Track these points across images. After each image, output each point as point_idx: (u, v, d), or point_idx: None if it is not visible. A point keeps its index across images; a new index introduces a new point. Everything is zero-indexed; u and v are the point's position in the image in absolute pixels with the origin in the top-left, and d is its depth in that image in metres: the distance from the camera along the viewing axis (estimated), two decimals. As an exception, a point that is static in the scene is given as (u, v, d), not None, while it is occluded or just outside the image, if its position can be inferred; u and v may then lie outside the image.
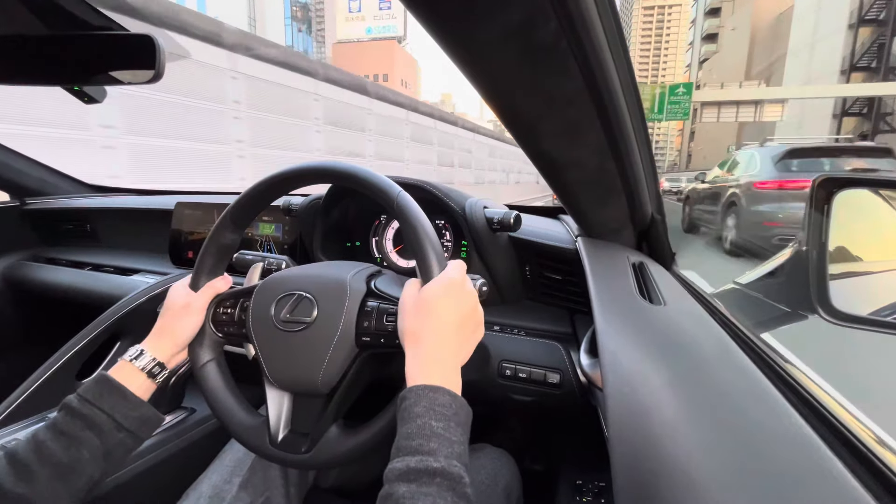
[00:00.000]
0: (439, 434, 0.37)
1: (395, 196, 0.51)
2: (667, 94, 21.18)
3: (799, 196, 4.40)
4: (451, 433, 0.38)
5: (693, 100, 21.59)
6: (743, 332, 0.52)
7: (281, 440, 0.53)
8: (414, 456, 0.36)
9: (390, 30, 39.67)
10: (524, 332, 0.82)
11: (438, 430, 0.38)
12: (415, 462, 0.36)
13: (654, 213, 0.73)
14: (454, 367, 0.44)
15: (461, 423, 0.40)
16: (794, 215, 4.34)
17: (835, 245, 0.70)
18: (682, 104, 21.16)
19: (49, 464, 0.45)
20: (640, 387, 0.39)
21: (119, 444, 0.49)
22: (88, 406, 0.48)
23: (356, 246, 0.98)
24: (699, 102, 22.57)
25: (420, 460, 0.36)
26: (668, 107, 21.19)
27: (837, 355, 1.98)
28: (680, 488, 0.30)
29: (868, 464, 0.30)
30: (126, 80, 0.72)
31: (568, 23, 0.31)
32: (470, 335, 0.48)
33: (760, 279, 0.88)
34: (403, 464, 0.36)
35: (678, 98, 21.10)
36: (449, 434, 0.38)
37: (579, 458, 0.96)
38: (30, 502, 0.43)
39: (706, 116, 22.81)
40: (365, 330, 0.51)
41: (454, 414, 0.40)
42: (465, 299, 0.47)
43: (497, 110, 0.41)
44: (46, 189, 1.47)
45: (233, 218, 0.58)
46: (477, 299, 0.50)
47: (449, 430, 0.38)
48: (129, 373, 0.52)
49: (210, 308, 0.59)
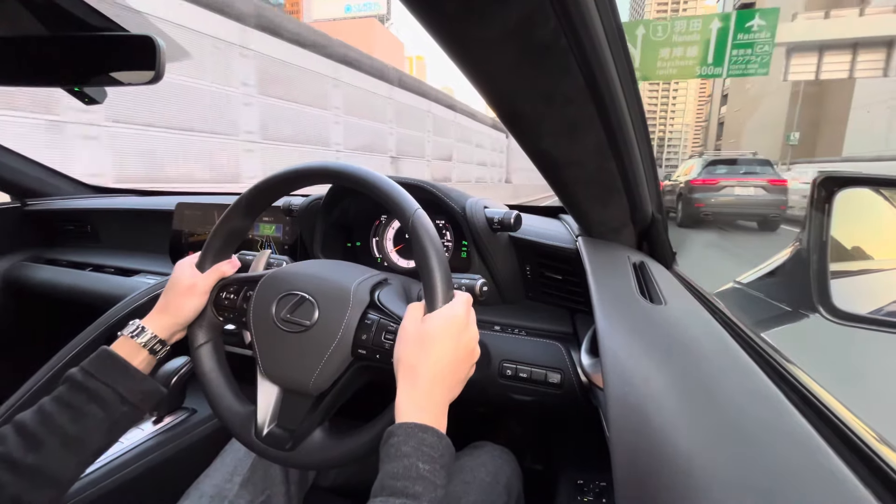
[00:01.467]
0: (425, 477, 0.38)
1: (411, 213, 0.50)
2: (731, 30, 11.60)
3: (710, 188, 7.81)
4: (436, 476, 0.38)
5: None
6: (744, 332, 0.52)
7: (266, 434, 0.53)
8: (398, 498, 0.36)
9: (371, 7, 35.83)
10: (525, 331, 0.82)
11: (424, 473, 0.38)
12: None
13: (654, 213, 0.73)
14: (444, 405, 0.44)
15: (445, 466, 0.40)
16: (706, 198, 7.77)
17: (836, 244, 0.70)
18: (758, 48, 11.57)
19: (57, 434, 0.46)
20: (640, 386, 0.39)
21: (123, 416, 0.50)
22: (92, 379, 0.49)
23: (356, 246, 0.98)
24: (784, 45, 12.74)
25: (404, 503, 0.36)
26: (732, 54, 11.78)
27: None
28: (681, 488, 0.30)
29: (869, 462, 0.30)
30: (126, 80, 0.72)
31: (567, 21, 0.31)
32: (465, 375, 0.47)
33: (761, 278, 0.88)
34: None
35: (752, 37, 11.56)
36: (434, 478, 0.38)
37: (580, 457, 0.96)
38: (39, 471, 0.44)
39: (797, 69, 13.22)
40: (362, 343, 0.51)
41: (440, 456, 0.40)
42: (467, 340, 0.47)
43: (497, 109, 0.41)
44: (47, 190, 1.47)
45: (247, 203, 0.59)
46: (477, 339, 0.49)
47: (434, 473, 0.38)
48: (130, 348, 0.53)
49: (214, 291, 0.59)
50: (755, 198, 7.60)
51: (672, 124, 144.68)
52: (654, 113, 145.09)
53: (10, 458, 0.43)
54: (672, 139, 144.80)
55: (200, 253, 0.60)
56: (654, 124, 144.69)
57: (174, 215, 1.17)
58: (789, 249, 0.80)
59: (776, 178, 7.72)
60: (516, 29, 0.31)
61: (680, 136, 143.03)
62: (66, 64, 0.72)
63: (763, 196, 7.58)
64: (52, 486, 0.45)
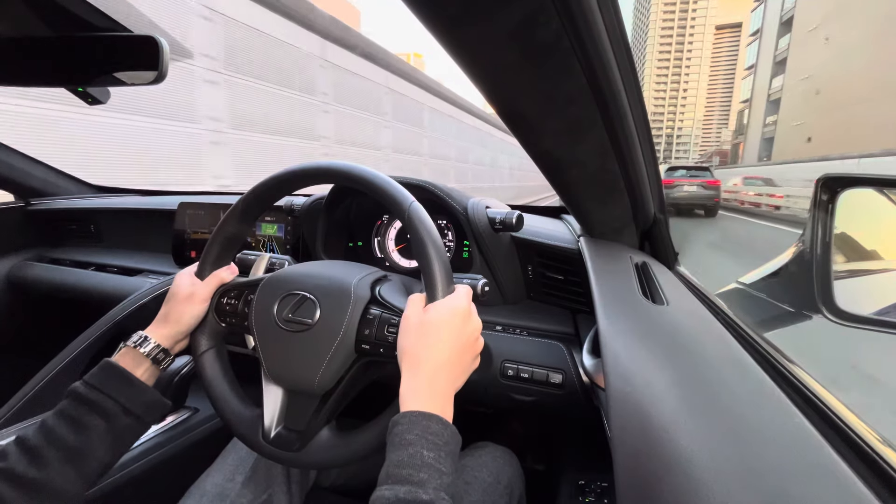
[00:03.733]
0: (430, 465, 0.37)
1: (407, 206, 0.50)
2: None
3: (668, 186, 11.07)
4: (442, 464, 0.38)
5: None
6: (746, 332, 0.52)
7: (274, 436, 0.53)
8: (403, 486, 0.36)
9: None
10: (526, 331, 0.81)
11: (429, 461, 0.38)
12: (404, 492, 0.36)
13: (656, 213, 0.73)
14: (449, 394, 0.44)
15: (451, 454, 0.40)
16: (669, 194, 10.70)
17: (839, 244, 0.69)
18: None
19: (59, 448, 0.45)
20: (642, 387, 0.39)
21: (127, 429, 0.50)
22: (94, 392, 0.49)
23: (358, 246, 0.98)
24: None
25: (409, 491, 0.36)
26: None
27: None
28: (682, 489, 0.29)
29: (871, 463, 0.30)
30: (129, 80, 0.73)
31: (570, 21, 0.31)
32: (468, 365, 0.47)
33: (764, 279, 0.88)
34: (392, 493, 0.36)
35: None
36: (439, 465, 0.38)
37: (582, 458, 0.96)
38: (43, 486, 0.44)
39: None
40: (365, 338, 0.51)
41: (445, 444, 0.40)
42: (470, 329, 0.47)
43: (499, 109, 0.41)
44: (50, 190, 1.48)
45: (244, 209, 0.59)
46: (480, 329, 0.49)
47: (440, 460, 0.38)
48: (133, 359, 0.53)
49: (214, 298, 0.59)
50: (698, 193, 11.42)
51: (682, 119, 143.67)
52: (661, 109, 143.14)
53: (12, 474, 0.43)
54: (682, 136, 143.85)
55: (199, 261, 0.60)
56: (662, 122, 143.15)
57: (176, 215, 1.17)
58: (792, 250, 0.79)
59: (712, 179, 11.64)
60: (518, 30, 0.31)
61: (690, 133, 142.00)
62: (69, 64, 0.72)
63: (703, 191, 11.42)
64: (55, 500, 0.44)
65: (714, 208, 11.60)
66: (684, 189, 11.42)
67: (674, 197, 11.37)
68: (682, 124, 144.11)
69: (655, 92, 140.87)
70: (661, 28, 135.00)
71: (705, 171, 11.96)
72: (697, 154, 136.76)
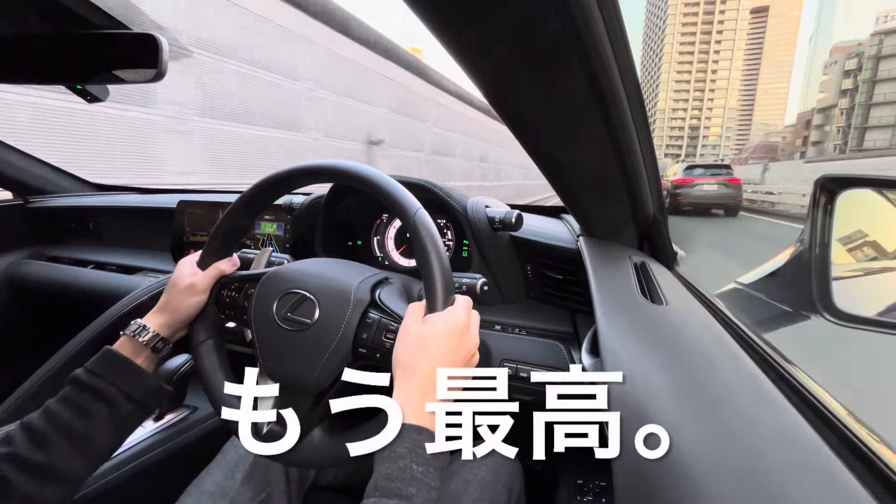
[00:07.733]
0: (419, 479, 0.38)
1: (412, 213, 0.50)
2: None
3: (686, 185, 11.30)
4: (430, 478, 0.38)
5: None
6: (744, 332, 0.52)
7: (266, 432, 0.53)
8: (392, 499, 0.36)
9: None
10: (525, 331, 0.81)
11: (418, 475, 0.38)
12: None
13: (655, 213, 0.73)
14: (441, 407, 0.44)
15: (440, 468, 0.40)
16: (688, 193, 11.21)
17: (838, 245, 0.69)
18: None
19: (64, 433, 0.46)
20: (641, 386, 0.39)
21: (130, 415, 0.50)
22: (96, 378, 0.49)
23: (358, 245, 0.98)
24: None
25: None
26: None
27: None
28: (680, 488, 0.30)
29: (868, 463, 0.30)
30: (128, 78, 0.72)
31: (569, 21, 0.31)
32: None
33: (763, 279, 0.88)
34: None
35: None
36: (428, 479, 0.38)
37: (580, 457, 0.96)
38: (48, 470, 0.44)
39: None
40: (363, 342, 0.51)
41: (434, 457, 0.40)
42: (468, 345, 0.47)
43: (498, 108, 0.41)
44: (49, 187, 1.48)
45: (248, 202, 0.59)
46: (477, 344, 0.49)
47: (428, 474, 0.38)
48: (133, 347, 0.53)
49: (215, 289, 0.59)
50: (719, 192, 11.26)
51: (711, 107, 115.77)
52: (686, 94, 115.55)
53: (18, 457, 0.43)
54: (710, 126, 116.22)
55: (202, 251, 0.60)
56: (686, 109, 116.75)
57: (175, 213, 1.17)
58: (791, 250, 0.79)
59: (733, 177, 11.46)
60: (518, 29, 0.31)
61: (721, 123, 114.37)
62: (69, 62, 0.72)
63: (725, 190, 11.25)
64: (61, 483, 0.45)
65: (736, 208, 11.53)
66: (704, 188, 11.23)
67: (693, 196, 11.23)
68: (712, 112, 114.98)
69: (678, 74, 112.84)
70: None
71: (726, 169, 11.81)
72: (731, 150, 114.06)
